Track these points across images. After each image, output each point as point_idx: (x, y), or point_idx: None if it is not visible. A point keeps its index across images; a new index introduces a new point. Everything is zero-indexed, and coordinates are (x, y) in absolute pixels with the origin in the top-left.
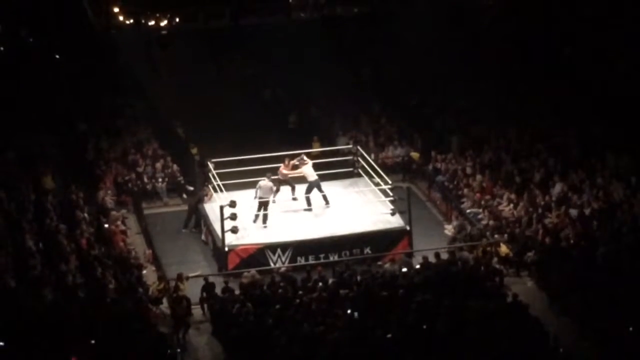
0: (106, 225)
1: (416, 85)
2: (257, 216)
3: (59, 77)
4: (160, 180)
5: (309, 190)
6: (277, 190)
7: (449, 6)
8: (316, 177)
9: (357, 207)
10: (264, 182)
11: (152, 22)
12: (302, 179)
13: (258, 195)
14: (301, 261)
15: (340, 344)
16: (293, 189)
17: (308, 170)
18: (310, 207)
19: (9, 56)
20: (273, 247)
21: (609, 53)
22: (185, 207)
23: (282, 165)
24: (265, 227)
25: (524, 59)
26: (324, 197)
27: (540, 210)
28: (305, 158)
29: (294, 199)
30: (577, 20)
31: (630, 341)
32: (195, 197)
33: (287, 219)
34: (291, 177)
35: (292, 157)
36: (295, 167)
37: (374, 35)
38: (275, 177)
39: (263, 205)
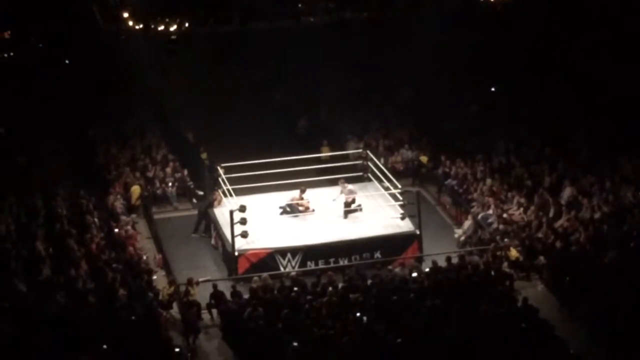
0: (116, 230)
1: (425, 89)
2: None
3: (68, 82)
4: (170, 184)
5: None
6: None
7: (457, 10)
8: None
9: (367, 211)
10: (347, 187)
11: (161, 27)
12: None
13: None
14: (311, 266)
15: (350, 349)
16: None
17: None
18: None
19: (18, 61)
20: (283, 252)
21: (618, 54)
22: (195, 212)
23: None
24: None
25: (534, 62)
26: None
27: (550, 214)
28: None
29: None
30: (585, 21)
31: None
32: (205, 202)
33: (297, 223)
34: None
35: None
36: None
37: (384, 40)
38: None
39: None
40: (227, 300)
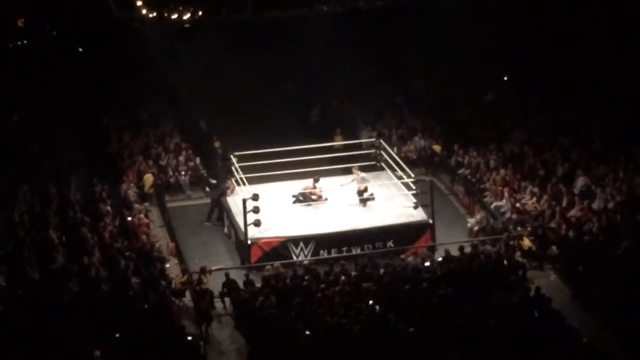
0: (129, 218)
1: (438, 78)
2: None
3: (81, 70)
4: (183, 173)
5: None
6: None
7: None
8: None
9: (379, 200)
10: (360, 175)
11: (175, 15)
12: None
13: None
14: (324, 254)
15: (362, 338)
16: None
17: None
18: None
19: (32, 50)
20: (296, 240)
21: (631, 45)
22: (208, 200)
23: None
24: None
25: (548, 51)
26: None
27: (563, 204)
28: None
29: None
30: (599, 11)
31: None
32: (218, 190)
33: (310, 212)
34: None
35: (317, 179)
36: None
37: (397, 28)
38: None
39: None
40: (240, 289)
